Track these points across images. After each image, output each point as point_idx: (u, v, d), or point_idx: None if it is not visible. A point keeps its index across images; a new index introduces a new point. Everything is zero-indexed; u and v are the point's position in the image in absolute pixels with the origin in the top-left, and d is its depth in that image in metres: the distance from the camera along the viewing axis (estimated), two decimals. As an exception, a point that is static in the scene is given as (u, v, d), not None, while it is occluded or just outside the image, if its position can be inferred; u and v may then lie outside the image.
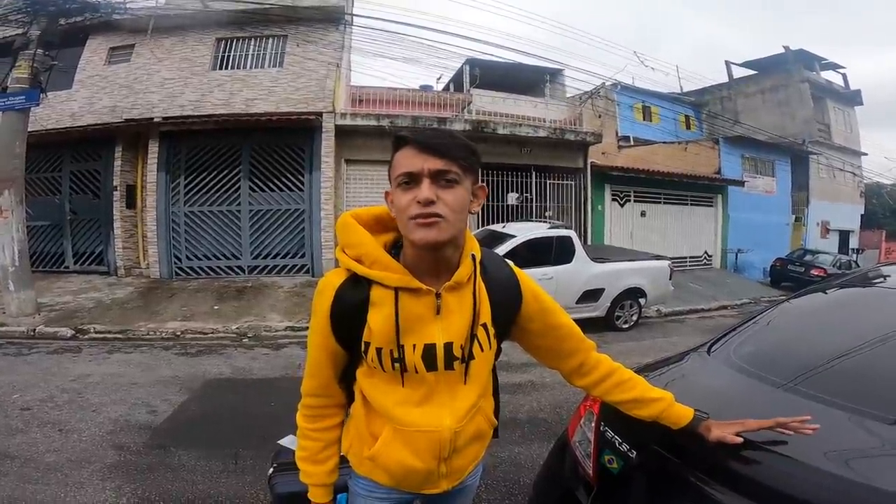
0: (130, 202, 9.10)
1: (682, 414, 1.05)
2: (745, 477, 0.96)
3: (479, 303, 0.96)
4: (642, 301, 6.83)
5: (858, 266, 14.15)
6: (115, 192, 8.88)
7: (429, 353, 0.92)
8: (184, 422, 3.21)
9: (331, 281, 0.94)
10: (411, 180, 0.84)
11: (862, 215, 20.88)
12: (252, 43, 9.54)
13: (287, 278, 8.88)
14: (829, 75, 19.92)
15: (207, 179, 9.00)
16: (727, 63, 20.51)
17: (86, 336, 5.48)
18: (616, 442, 1.25)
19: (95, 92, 9.27)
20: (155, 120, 8.64)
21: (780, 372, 1.26)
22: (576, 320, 1.16)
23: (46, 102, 6.84)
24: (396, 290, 0.90)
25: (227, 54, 9.50)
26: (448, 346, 0.93)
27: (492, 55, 11.48)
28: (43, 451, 2.72)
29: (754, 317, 1.73)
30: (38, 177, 9.14)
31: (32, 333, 5.44)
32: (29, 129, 6.43)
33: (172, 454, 2.73)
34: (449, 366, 0.94)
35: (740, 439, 0.98)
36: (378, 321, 0.91)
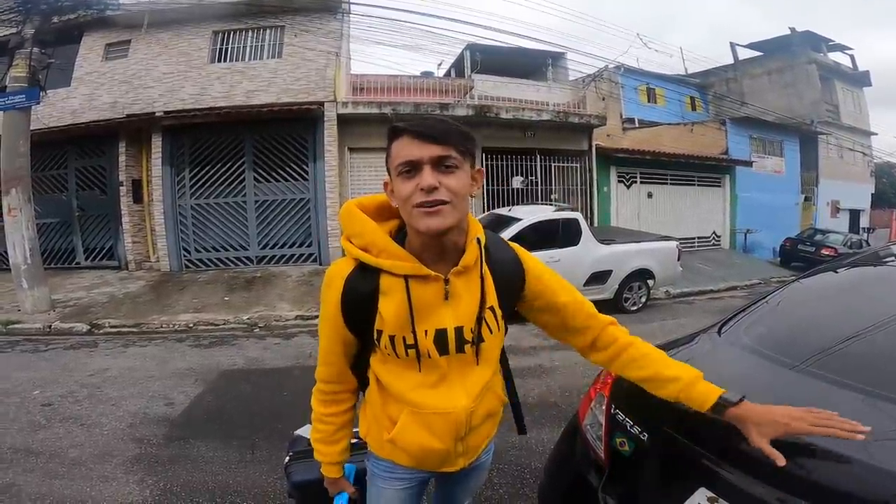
0: (137, 197, 9.16)
1: (704, 398, 0.94)
2: (758, 459, 0.95)
3: (487, 285, 0.98)
4: (650, 282, 6.81)
5: (869, 245, 14.00)
6: (121, 188, 8.93)
7: (440, 337, 0.94)
8: (200, 413, 3.27)
9: (339, 271, 0.95)
10: (412, 168, 0.85)
11: (872, 194, 20.73)
12: (249, 35, 9.45)
13: (295, 267, 8.95)
14: (836, 57, 19.64)
15: (212, 172, 9.02)
16: (732, 45, 20.14)
17: (101, 331, 5.56)
18: (627, 424, 1.26)
19: (95, 89, 9.26)
20: (156, 114, 8.63)
21: (792, 353, 1.24)
22: None
23: (46, 100, 6.86)
24: (406, 277, 0.91)
25: (224, 47, 9.43)
26: (459, 330, 0.95)
27: (493, 40, 11.35)
28: (66, 447, 2.78)
29: (764, 297, 1.71)
30: (44, 175, 9.20)
31: (48, 329, 5.53)
32: (31, 128, 6.44)
33: (191, 446, 2.78)
34: (460, 349, 0.96)
35: (780, 459, 0.84)
36: (390, 309, 0.92)
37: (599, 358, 1.08)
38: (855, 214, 19.61)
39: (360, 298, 0.93)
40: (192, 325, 5.75)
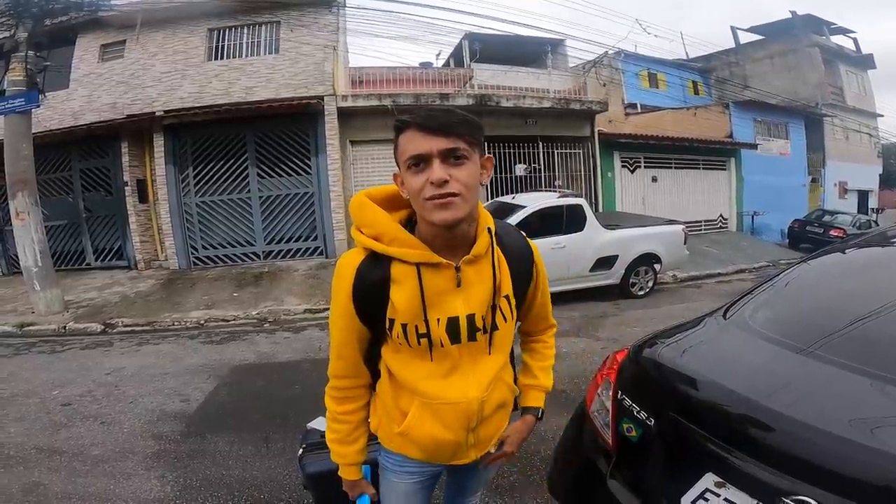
0: (143, 196, 9.22)
1: (524, 398, 1.18)
2: (766, 444, 0.96)
3: (501, 274, 0.98)
4: (657, 267, 6.78)
5: (878, 225, 13.86)
6: (126, 188, 8.98)
7: (452, 325, 0.95)
8: (215, 409, 3.33)
9: (350, 261, 0.95)
10: (421, 162, 0.84)
11: (880, 175, 20.60)
12: (245, 31, 9.38)
13: (301, 261, 9.01)
14: (839, 40, 19.55)
15: (215, 169, 9.05)
16: (733, 28, 20.03)
17: (115, 330, 5.64)
18: (634, 410, 1.26)
19: (93, 90, 9.25)
20: (156, 114, 8.63)
21: (799, 336, 1.23)
22: (590, 288, 1.15)
23: (46, 103, 6.84)
24: (418, 265, 0.92)
25: (220, 44, 9.36)
26: (471, 318, 0.96)
27: (491, 29, 11.24)
28: (88, 445, 2.83)
29: (771, 279, 1.68)
30: (49, 177, 9.25)
31: (63, 330, 5.62)
32: (33, 131, 6.45)
33: (208, 441, 2.83)
34: (472, 337, 0.97)
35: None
36: (402, 298, 0.92)
37: (523, 343, 1.23)
38: (863, 195, 19.47)
39: (371, 287, 0.93)
40: (203, 321, 5.82)
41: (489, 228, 0.98)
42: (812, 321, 1.37)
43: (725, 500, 0.98)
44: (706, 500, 1.02)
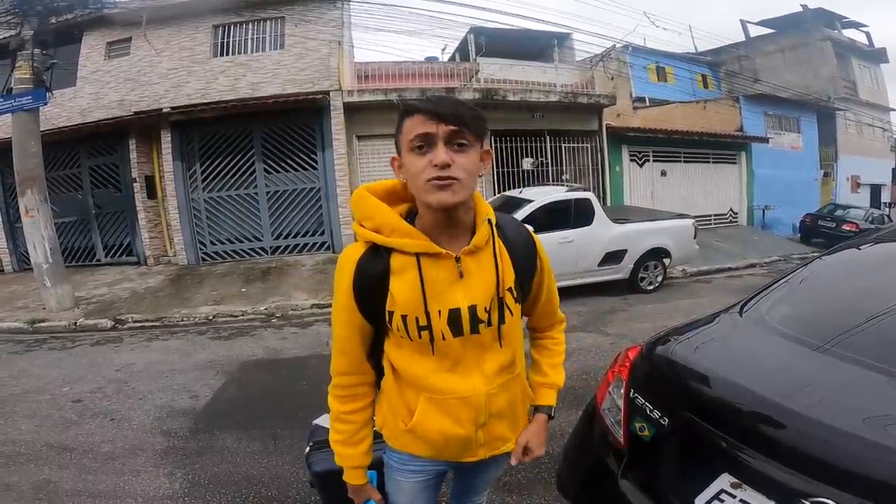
0: (151, 192, 9.29)
1: (536, 396, 1.15)
2: (781, 444, 0.95)
3: (503, 266, 0.97)
4: (667, 261, 6.72)
5: (891, 220, 13.66)
6: (134, 184, 9.04)
7: (454, 317, 0.93)
8: (223, 405, 3.34)
9: (350, 255, 0.95)
10: (425, 143, 0.85)
11: (893, 169, 20.39)
12: (250, 27, 9.39)
13: (309, 256, 9.04)
14: (851, 34, 19.38)
15: (222, 165, 9.10)
16: (742, 22, 19.81)
17: (125, 326, 5.69)
18: (647, 409, 1.24)
19: (101, 87, 9.31)
20: (164, 110, 8.67)
21: (817, 333, 1.22)
22: (598, 283, 1.12)
23: (54, 101, 6.89)
24: (418, 255, 0.91)
25: (226, 40, 9.38)
26: (472, 310, 0.94)
27: (496, 22, 11.19)
28: (98, 442, 2.85)
29: (787, 275, 1.67)
30: (58, 174, 9.33)
31: (74, 326, 5.67)
32: (41, 129, 6.49)
33: (216, 438, 2.84)
34: (475, 330, 0.95)
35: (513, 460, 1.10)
36: (402, 289, 0.91)
37: (532, 340, 1.21)
38: (876, 189, 19.37)
39: (371, 280, 0.92)
40: (211, 317, 5.86)
41: (489, 220, 0.96)
42: (829, 318, 1.35)
43: (741, 501, 0.97)
44: (721, 501, 1.00)
